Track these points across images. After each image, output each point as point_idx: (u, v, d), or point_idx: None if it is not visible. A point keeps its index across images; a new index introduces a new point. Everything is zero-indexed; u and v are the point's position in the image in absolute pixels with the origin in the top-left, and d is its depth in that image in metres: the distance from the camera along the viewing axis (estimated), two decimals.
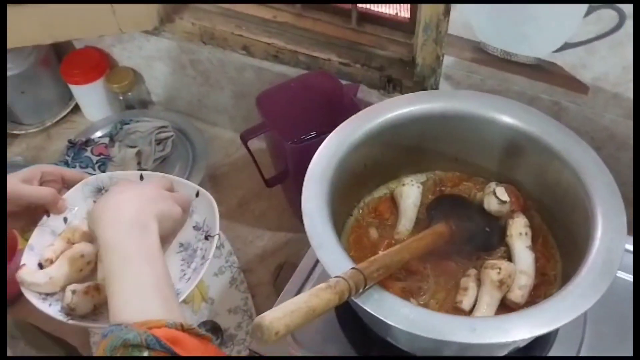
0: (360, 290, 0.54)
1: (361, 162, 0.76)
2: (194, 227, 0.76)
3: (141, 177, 0.77)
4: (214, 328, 0.92)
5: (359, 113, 0.74)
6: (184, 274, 0.72)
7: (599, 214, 0.61)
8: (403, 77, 0.96)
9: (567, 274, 0.66)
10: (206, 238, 0.74)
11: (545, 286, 0.69)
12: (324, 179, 0.68)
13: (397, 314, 0.55)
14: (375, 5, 1.01)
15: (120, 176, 0.78)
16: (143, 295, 0.54)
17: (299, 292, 0.79)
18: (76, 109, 1.28)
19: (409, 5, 0.96)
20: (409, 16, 0.97)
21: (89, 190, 0.76)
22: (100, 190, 0.76)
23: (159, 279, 0.56)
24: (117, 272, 0.55)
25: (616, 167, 0.85)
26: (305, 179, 0.67)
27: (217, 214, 0.73)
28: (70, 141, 1.10)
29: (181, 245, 0.75)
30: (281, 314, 0.46)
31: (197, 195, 0.75)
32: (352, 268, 0.55)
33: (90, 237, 0.71)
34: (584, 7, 0.71)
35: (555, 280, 0.69)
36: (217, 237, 0.72)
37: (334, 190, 0.69)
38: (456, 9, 0.79)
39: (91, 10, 1.02)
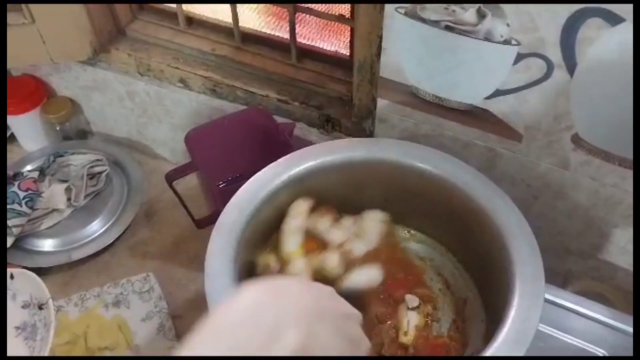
0: None
1: (280, 212, 0.72)
2: (22, 307, 0.78)
3: (12, 277, 0.78)
4: None
5: (278, 161, 0.71)
6: (33, 349, 0.74)
7: (517, 280, 0.58)
8: (342, 116, 0.93)
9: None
10: (40, 308, 0.75)
11: (468, 349, 0.65)
12: (233, 233, 0.64)
13: None
14: (316, 41, 0.98)
15: None
16: None
17: None
18: (12, 138, 1.23)
19: (348, 42, 0.94)
20: (348, 53, 0.95)
21: None
22: None
23: None
24: None
25: (553, 215, 0.84)
26: (213, 232, 0.63)
27: (39, 281, 0.76)
28: None
29: (18, 328, 0.77)
30: None
31: (12, 277, 0.78)
32: None
33: None
34: (512, 55, 0.69)
35: (480, 342, 0.66)
36: (50, 301, 0.74)
37: (247, 244, 0.65)
38: (386, 52, 0.76)
39: (20, 39, 0.98)
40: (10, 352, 0.58)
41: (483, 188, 0.66)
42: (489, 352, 0.53)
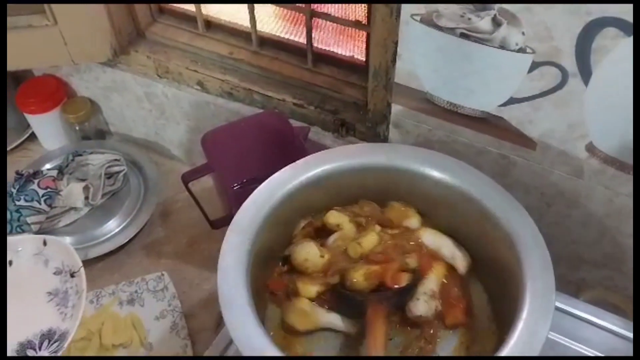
0: None
1: (297, 213, 0.73)
2: (54, 273, 0.81)
3: (44, 243, 0.81)
4: None
5: (295, 163, 0.72)
6: (65, 315, 0.77)
7: (527, 292, 0.57)
8: (356, 121, 0.94)
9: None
10: (72, 276, 0.78)
11: None
12: (248, 232, 0.65)
13: None
14: (332, 46, 0.99)
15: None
16: None
17: None
18: (33, 136, 1.25)
19: (364, 48, 0.94)
20: (364, 59, 0.95)
21: None
22: None
23: None
24: None
25: (568, 223, 0.83)
26: (228, 230, 0.64)
27: (72, 250, 0.80)
28: (17, 172, 1.07)
29: (50, 294, 0.81)
30: None
31: (45, 244, 0.81)
32: None
33: None
34: (527, 63, 0.69)
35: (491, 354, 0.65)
36: (82, 269, 0.78)
37: (262, 242, 0.66)
38: (401, 58, 0.77)
39: (43, 40, 1.00)
40: (42, 318, 0.61)
41: (499, 199, 0.66)
42: None
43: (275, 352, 0.55)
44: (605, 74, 0.65)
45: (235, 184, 0.86)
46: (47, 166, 1.12)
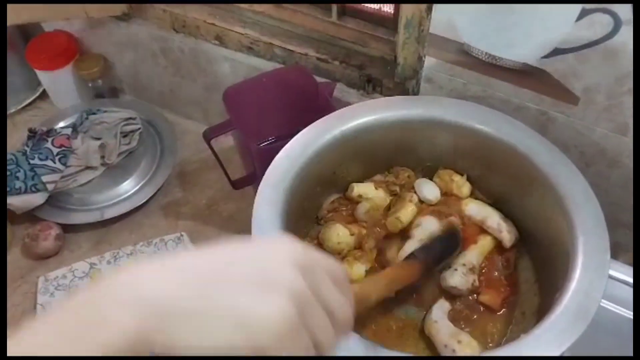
0: None
1: (329, 169, 0.69)
2: None
3: None
4: None
5: (329, 115, 0.68)
6: None
7: (580, 252, 0.54)
8: (384, 77, 0.90)
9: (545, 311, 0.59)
10: None
11: (520, 325, 0.62)
12: (281, 186, 0.62)
13: None
14: None
15: None
16: None
17: None
18: (44, 95, 1.21)
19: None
20: (392, 11, 0.91)
21: None
22: None
23: None
24: None
25: (606, 185, 0.80)
26: (261, 184, 0.61)
27: None
28: (30, 130, 1.04)
29: None
30: None
31: None
32: None
33: None
34: (576, 10, 0.64)
35: (532, 318, 0.63)
36: None
37: (294, 199, 0.63)
38: (437, 7, 0.72)
39: None
40: None
41: (547, 154, 0.63)
42: (545, 325, 0.50)
43: None
44: None
45: (260, 142, 0.82)
46: (61, 124, 1.09)
